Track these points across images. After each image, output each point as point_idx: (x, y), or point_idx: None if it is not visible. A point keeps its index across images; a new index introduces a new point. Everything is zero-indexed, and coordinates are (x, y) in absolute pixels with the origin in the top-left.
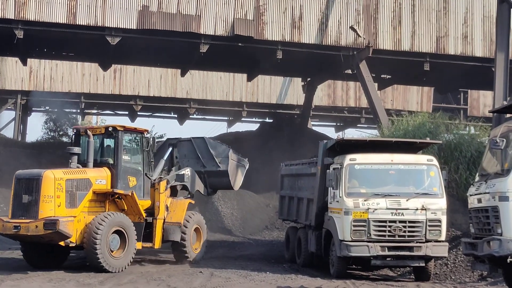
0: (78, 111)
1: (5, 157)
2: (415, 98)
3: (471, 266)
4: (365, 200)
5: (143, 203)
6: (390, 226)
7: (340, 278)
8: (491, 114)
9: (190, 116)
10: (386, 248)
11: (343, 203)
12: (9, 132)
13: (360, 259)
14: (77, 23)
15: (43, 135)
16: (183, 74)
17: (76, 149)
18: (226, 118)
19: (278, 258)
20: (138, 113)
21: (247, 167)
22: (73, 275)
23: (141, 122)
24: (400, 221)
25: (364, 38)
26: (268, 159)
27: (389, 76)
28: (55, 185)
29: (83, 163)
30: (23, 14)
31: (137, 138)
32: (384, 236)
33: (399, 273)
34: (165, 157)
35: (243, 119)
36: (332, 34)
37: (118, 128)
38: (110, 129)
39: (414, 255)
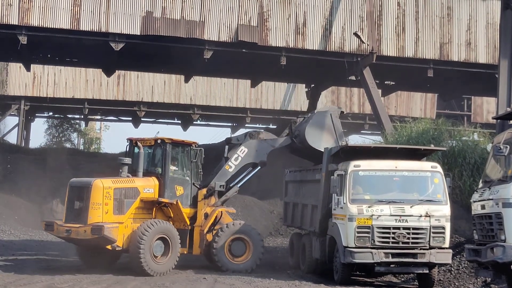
0: (82, 116)
1: (9, 163)
2: (419, 105)
3: (474, 273)
4: (369, 207)
5: (189, 211)
6: (394, 233)
7: (344, 284)
8: (494, 120)
9: (194, 122)
10: (390, 255)
11: (347, 209)
12: (12, 138)
13: (364, 265)
14: (81, 29)
15: (46, 141)
16: (187, 80)
17: (126, 160)
18: (230, 124)
19: (282, 264)
20: (142, 119)
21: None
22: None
23: (144, 128)
24: (404, 228)
25: (368, 45)
26: (272, 165)
27: (393, 83)
28: (103, 193)
29: (134, 173)
30: (27, 19)
31: (184, 149)
32: (388, 242)
33: (403, 279)
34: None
35: (247, 125)
36: (336, 41)
37: (166, 141)
38: (158, 141)
39: (418, 261)
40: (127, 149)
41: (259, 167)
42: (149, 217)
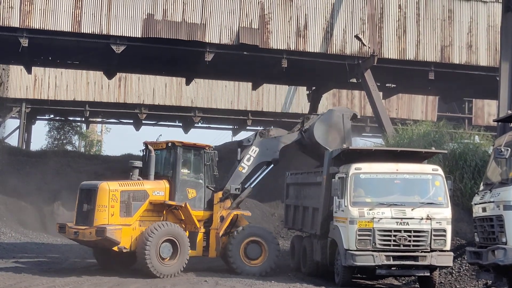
0: (83, 119)
1: (10, 166)
2: (420, 107)
3: (475, 275)
4: (370, 210)
5: (202, 214)
6: (395, 236)
7: (345, 287)
8: (495, 123)
9: (195, 125)
10: (391, 258)
11: (348, 212)
12: (13, 141)
13: (365, 268)
14: (82, 32)
15: (47, 144)
16: (188, 82)
17: (137, 163)
18: (231, 126)
19: (283, 267)
20: (143, 121)
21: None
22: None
23: (146, 131)
24: (405, 231)
25: (369, 47)
26: (274, 168)
27: (394, 85)
28: (109, 196)
29: (146, 176)
30: (28, 22)
31: (197, 153)
32: (389, 245)
33: (404, 282)
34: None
35: (248, 127)
36: (337, 43)
37: (177, 144)
38: (169, 145)
39: (419, 264)
40: (143, 153)
41: (272, 165)
42: (159, 219)
